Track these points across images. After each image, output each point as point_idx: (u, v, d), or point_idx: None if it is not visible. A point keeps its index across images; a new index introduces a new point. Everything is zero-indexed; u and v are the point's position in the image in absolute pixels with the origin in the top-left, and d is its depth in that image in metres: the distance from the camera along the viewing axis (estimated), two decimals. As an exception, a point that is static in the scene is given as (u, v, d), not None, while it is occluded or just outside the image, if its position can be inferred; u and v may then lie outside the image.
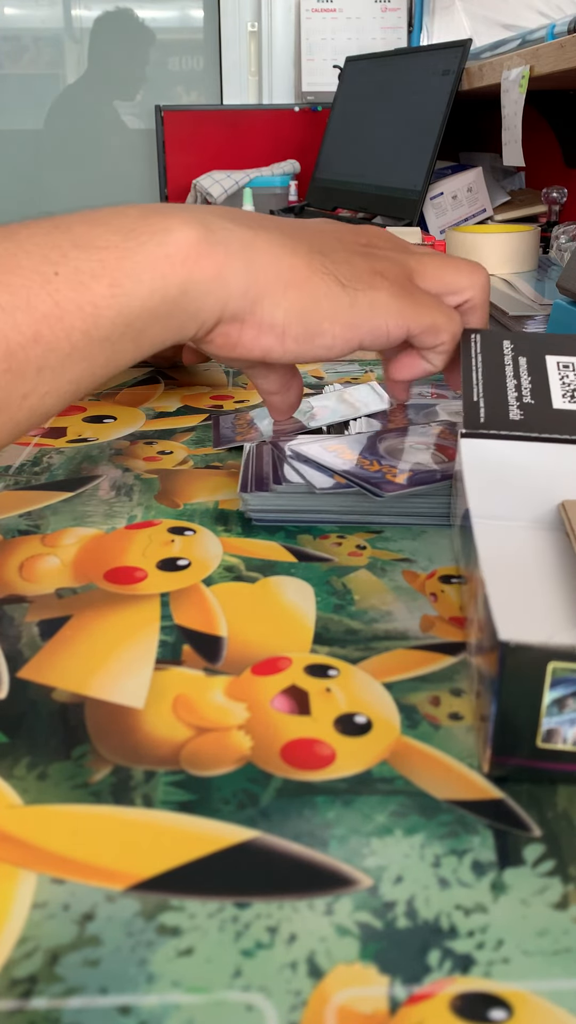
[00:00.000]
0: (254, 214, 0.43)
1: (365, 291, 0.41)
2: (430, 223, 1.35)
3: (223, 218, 0.40)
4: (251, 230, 0.40)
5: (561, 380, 0.43)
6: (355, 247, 0.43)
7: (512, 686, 0.26)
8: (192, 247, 0.38)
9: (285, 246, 0.41)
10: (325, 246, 0.42)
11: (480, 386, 0.43)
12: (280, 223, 0.43)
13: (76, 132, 2.68)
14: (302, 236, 0.42)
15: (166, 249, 0.37)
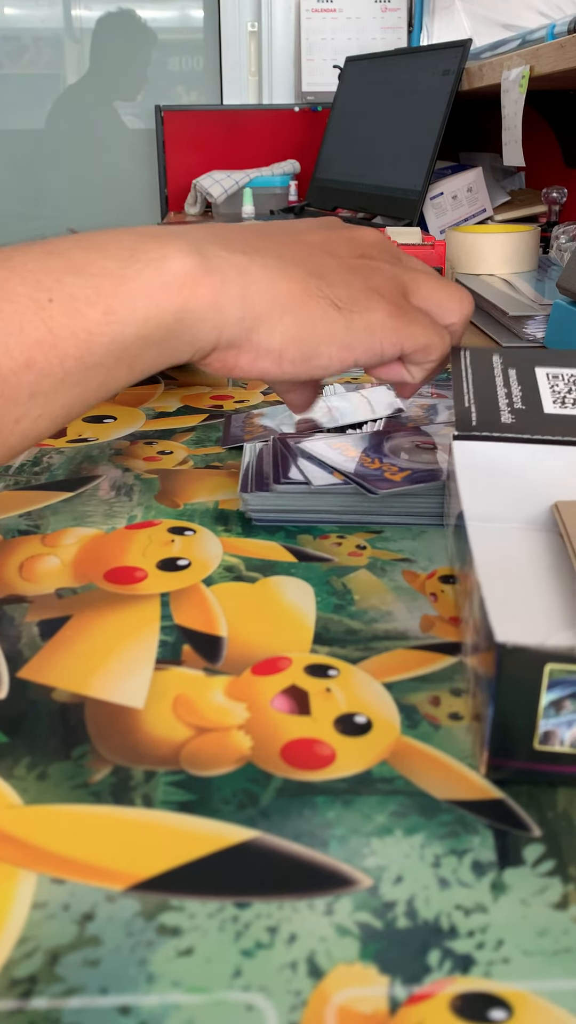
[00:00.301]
0: (250, 233, 0.43)
1: (361, 313, 0.41)
2: (430, 223, 1.35)
3: (219, 243, 0.40)
4: (246, 255, 0.40)
5: (551, 388, 0.43)
6: (350, 262, 0.43)
7: (509, 688, 0.26)
8: (188, 275, 0.38)
9: (282, 271, 0.41)
10: (321, 266, 0.42)
11: (471, 394, 0.43)
12: (275, 242, 0.43)
13: (76, 132, 2.68)
14: (298, 259, 0.42)
15: (162, 277, 0.37)
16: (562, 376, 0.44)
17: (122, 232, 0.39)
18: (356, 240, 0.45)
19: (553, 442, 0.40)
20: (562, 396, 0.43)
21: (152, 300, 0.37)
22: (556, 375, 0.44)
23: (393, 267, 0.44)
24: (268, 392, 0.67)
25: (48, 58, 2.68)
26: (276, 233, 0.44)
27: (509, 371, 0.44)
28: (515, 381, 0.44)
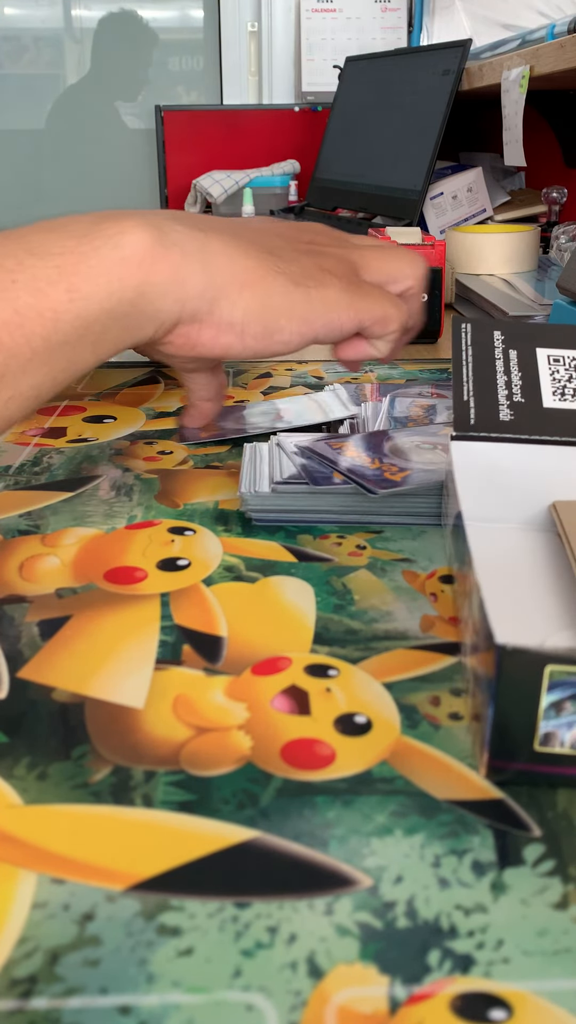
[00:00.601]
0: (201, 216, 0.44)
1: (317, 288, 0.42)
2: (430, 223, 1.35)
3: (175, 221, 0.41)
4: (203, 232, 0.41)
5: (552, 376, 0.43)
6: (300, 245, 0.45)
7: (509, 690, 0.26)
8: (148, 249, 0.38)
9: (238, 247, 0.41)
10: (274, 246, 0.43)
11: (471, 383, 0.43)
12: (226, 225, 0.44)
13: (76, 132, 2.68)
14: (251, 237, 0.43)
15: (122, 252, 0.38)
16: (563, 360, 0.44)
17: (81, 215, 0.39)
18: (304, 228, 0.47)
19: (552, 442, 0.40)
20: (562, 386, 0.42)
21: (114, 275, 0.38)
22: (557, 358, 0.44)
23: (341, 249, 0.46)
24: (268, 392, 0.67)
25: (48, 58, 2.68)
26: (228, 221, 0.45)
27: (510, 352, 0.44)
28: (515, 367, 0.43)
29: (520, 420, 0.41)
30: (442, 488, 0.44)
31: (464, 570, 0.34)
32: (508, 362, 0.44)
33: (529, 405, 0.42)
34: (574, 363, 0.44)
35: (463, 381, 0.43)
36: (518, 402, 0.42)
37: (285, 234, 0.46)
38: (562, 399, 0.42)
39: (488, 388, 0.43)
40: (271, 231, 0.46)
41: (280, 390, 0.67)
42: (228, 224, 0.45)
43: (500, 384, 0.43)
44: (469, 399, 0.42)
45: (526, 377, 0.43)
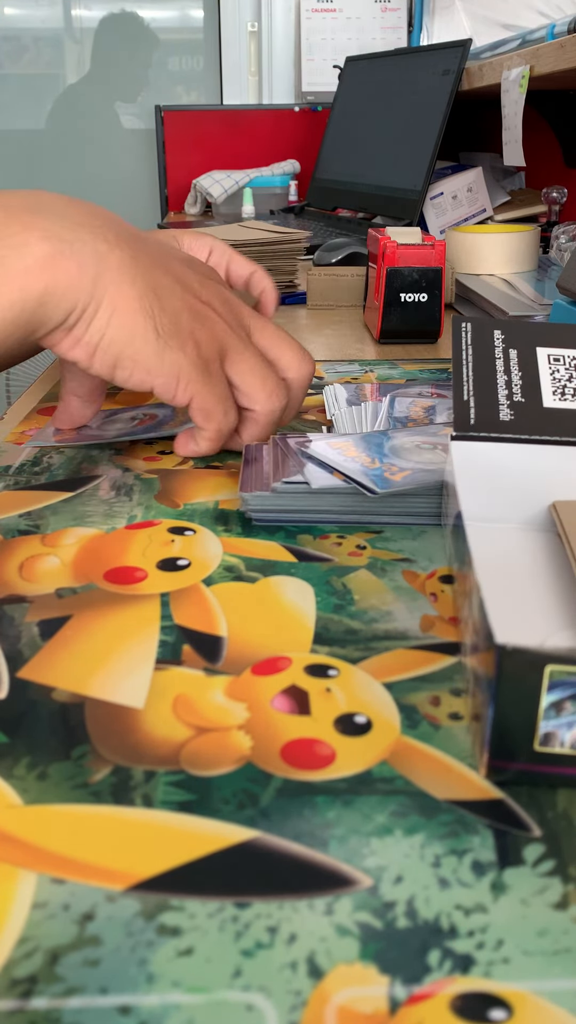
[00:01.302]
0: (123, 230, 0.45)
1: (174, 350, 0.45)
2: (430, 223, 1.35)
3: (87, 227, 0.43)
4: (107, 244, 0.43)
5: (552, 375, 0.43)
6: (191, 302, 0.46)
7: (509, 690, 0.26)
8: (48, 258, 0.41)
9: (131, 273, 0.44)
10: (163, 288, 0.45)
11: (471, 383, 0.43)
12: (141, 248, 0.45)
13: (76, 132, 2.68)
14: (148, 270, 0.45)
15: (25, 262, 0.40)
16: (563, 359, 0.44)
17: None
18: (208, 289, 0.48)
19: (552, 442, 0.40)
20: (562, 385, 0.42)
21: (15, 284, 0.40)
22: (557, 357, 0.44)
23: (227, 330, 0.47)
24: (268, 392, 0.67)
25: (48, 58, 2.68)
26: (150, 243, 0.46)
27: (510, 352, 0.44)
28: (515, 366, 0.43)
29: (520, 420, 0.41)
30: (442, 488, 0.44)
31: (464, 570, 0.34)
32: (508, 362, 0.44)
33: (529, 405, 0.42)
34: (574, 363, 0.44)
35: (463, 381, 0.43)
36: (518, 402, 0.42)
37: (190, 284, 0.47)
38: (562, 399, 0.42)
39: (488, 388, 0.43)
40: (178, 275, 0.47)
41: (280, 390, 0.67)
42: (145, 249, 0.46)
43: (500, 384, 0.43)
44: (469, 399, 0.42)
45: (526, 377, 0.43)
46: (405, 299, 0.80)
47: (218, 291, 0.49)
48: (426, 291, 0.80)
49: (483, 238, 1.08)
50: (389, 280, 0.79)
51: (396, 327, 0.81)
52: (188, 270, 0.48)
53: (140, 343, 0.44)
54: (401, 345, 0.82)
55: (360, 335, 0.86)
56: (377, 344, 0.82)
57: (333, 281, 0.99)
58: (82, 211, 0.45)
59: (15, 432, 0.59)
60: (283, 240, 1.00)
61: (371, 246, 0.84)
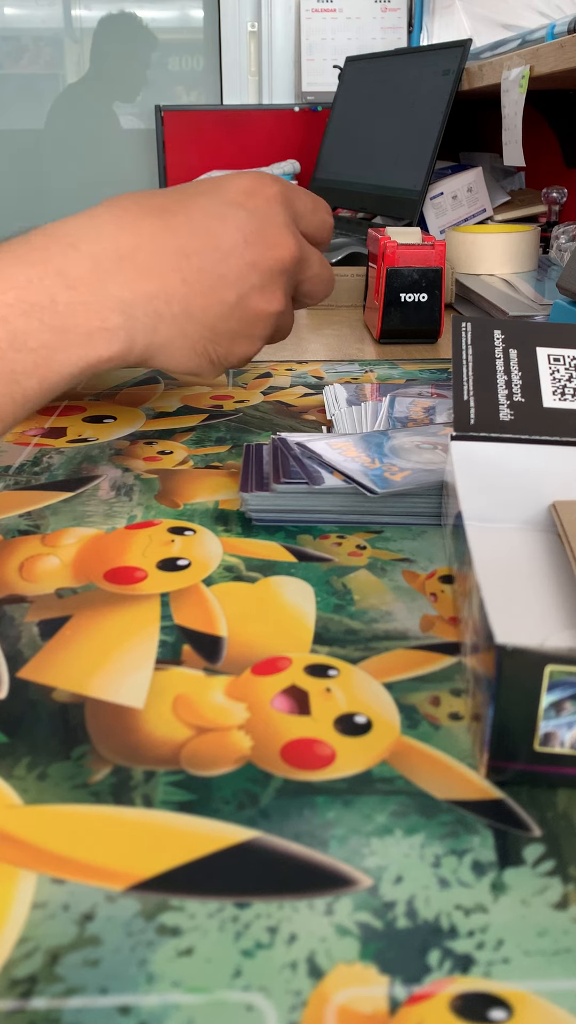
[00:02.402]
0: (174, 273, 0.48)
1: (228, 364, 0.52)
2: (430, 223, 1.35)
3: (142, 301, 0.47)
4: (157, 314, 0.47)
5: (552, 375, 0.43)
6: (252, 314, 0.51)
7: (509, 690, 0.26)
8: (108, 344, 0.45)
9: (183, 329, 0.48)
10: (219, 320, 0.50)
11: (471, 383, 0.43)
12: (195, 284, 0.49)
13: (76, 132, 2.68)
14: (203, 315, 0.49)
15: (88, 349, 0.45)
16: (563, 359, 0.44)
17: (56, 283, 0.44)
18: (271, 276, 0.51)
19: (552, 442, 0.40)
20: (562, 385, 0.42)
21: (77, 366, 0.45)
22: (557, 357, 0.44)
23: (283, 310, 0.52)
24: (268, 392, 0.67)
25: (48, 58, 2.68)
26: (198, 267, 0.49)
27: (510, 352, 0.44)
28: (515, 366, 0.43)
29: (520, 420, 0.41)
30: (442, 488, 0.44)
31: (464, 570, 0.34)
32: (508, 362, 0.44)
33: (529, 405, 0.42)
34: (574, 363, 0.44)
35: (463, 381, 0.43)
36: (518, 402, 0.42)
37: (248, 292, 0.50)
38: (562, 399, 0.42)
39: (488, 388, 0.43)
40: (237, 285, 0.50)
41: (280, 390, 0.67)
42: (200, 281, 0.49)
43: (500, 384, 0.43)
44: (469, 399, 0.42)
45: (526, 377, 0.43)
46: (405, 299, 0.80)
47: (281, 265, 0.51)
48: (426, 291, 0.80)
49: (483, 238, 1.08)
50: (389, 280, 0.79)
51: (396, 327, 0.81)
52: (250, 260, 0.50)
53: (196, 369, 0.51)
54: (401, 345, 0.82)
55: (360, 335, 0.86)
56: (377, 344, 0.82)
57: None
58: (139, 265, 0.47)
59: (15, 432, 0.59)
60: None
61: (371, 246, 0.84)
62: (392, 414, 0.56)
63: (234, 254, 0.49)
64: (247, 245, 0.50)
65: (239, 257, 0.49)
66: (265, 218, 0.51)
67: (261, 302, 0.51)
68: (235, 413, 0.62)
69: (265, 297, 0.51)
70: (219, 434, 0.58)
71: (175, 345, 0.49)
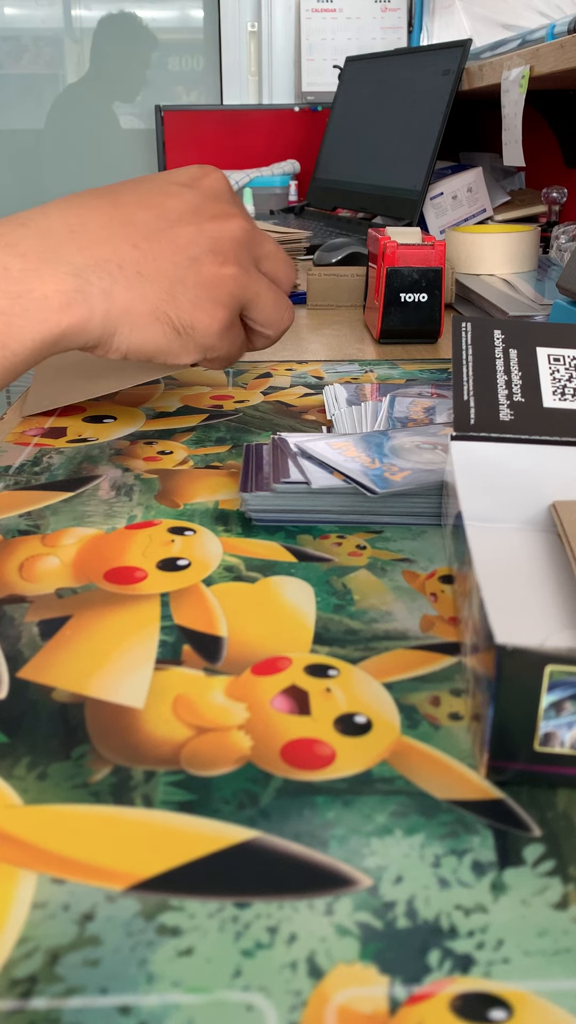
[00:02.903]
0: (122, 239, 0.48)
1: (197, 336, 0.50)
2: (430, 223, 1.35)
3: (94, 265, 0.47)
4: (111, 277, 0.47)
5: (552, 375, 0.43)
6: (205, 274, 0.50)
7: (509, 690, 0.26)
8: (66, 307, 0.45)
9: (140, 291, 0.48)
10: (177, 282, 0.49)
11: (471, 383, 0.43)
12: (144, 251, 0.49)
13: (76, 132, 2.68)
14: (157, 275, 0.48)
15: (46, 312, 0.45)
16: (563, 359, 0.44)
17: (7, 254, 0.45)
18: (221, 242, 0.51)
19: (552, 442, 0.40)
20: (562, 385, 0.42)
21: (38, 333, 0.45)
22: (557, 357, 0.44)
23: (244, 278, 0.51)
24: (268, 392, 0.67)
25: (48, 58, 2.68)
26: (147, 233, 0.49)
27: (510, 352, 0.44)
28: (515, 366, 0.43)
29: (520, 420, 0.41)
30: (442, 488, 0.44)
31: (464, 570, 0.34)
32: (508, 362, 0.44)
33: (529, 405, 0.42)
34: (574, 363, 0.44)
35: (463, 381, 0.43)
36: (518, 402, 0.42)
37: (201, 256, 0.50)
38: (562, 399, 0.42)
39: (488, 388, 0.43)
40: (187, 251, 0.50)
41: (280, 390, 0.67)
42: (148, 249, 0.49)
43: (500, 384, 0.43)
44: (469, 399, 0.42)
45: (526, 377, 0.43)
46: (405, 299, 0.80)
47: (228, 236, 0.51)
48: (426, 291, 0.80)
49: (483, 238, 1.08)
50: (389, 280, 0.79)
51: (396, 327, 0.81)
52: (196, 228, 0.50)
53: (163, 343, 0.49)
54: (401, 345, 0.82)
55: (360, 335, 0.86)
56: (377, 344, 0.82)
57: (333, 281, 0.99)
58: (89, 234, 0.47)
59: (15, 432, 0.59)
60: (283, 240, 1.00)
61: (371, 246, 0.84)
62: (392, 414, 0.56)
63: (182, 222, 0.50)
64: (195, 215, 0.51)
65: (187, 224, 0.50)
66: (212, 195, 0.52)
67: (213, 265, 0.50)
68: (235, 413, 0.62)
69: (217, 260, 0.50)
70: (219, 434, 0.58)
71: (134, 312, 0.48)
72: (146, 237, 0.49)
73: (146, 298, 0.48)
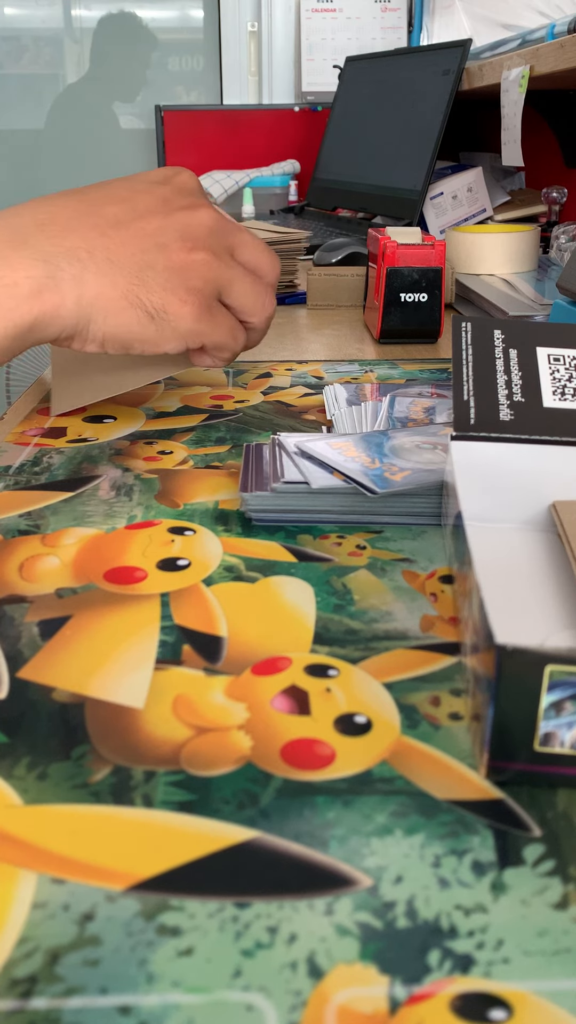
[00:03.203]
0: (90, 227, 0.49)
1: (171, 320, 0.50)
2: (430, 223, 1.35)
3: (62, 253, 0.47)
4: (81, 263, 0.47)
5: (552, 375, 0.43)
6: (176, 260, 0.50)
7: (509, 690, 0.26)
8: (35, 294, 0.46)
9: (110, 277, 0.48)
10: (146, 267, 0.49)
11: (471, 383, 0.43)
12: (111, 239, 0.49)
13: (76, 132, 2.68)
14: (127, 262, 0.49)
15: (15, 299, 0.45)
16: (563, 359, 0.44)
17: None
18: (190, 229, 0.51)
19: (552, 442, 0.40)
20: (562, 385, 0.42)
21: (9, 321, 0.45)
22: (557, 357, 0.44)
23: (216, 264, 0.51)
24: (268, 392, 0.67)
25: (48, 58, 2.68)
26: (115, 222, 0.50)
27: (510, 352, 0.44)
28: (515, 366, 0.43)
29: (520, 420, 0.41)
30: (442, 488, 0.44)
31: (464, 570, 0.34)
32: (508, 361, 0.44)
33: (529, 405, 0.42)
34: (574, 363, 0.44)
35: (463, 381, 0.43)
36: (518, 402, 0.42)
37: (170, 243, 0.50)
38: (562, 399, 0.42)
39: (488, 388, 0.43)
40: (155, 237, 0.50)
41: (280, 390, 0.67)
42: (115, 237, 0.49)
43: (500, 384, 0.43)
44: (469, 399, 0.42)
45: (526, 377, 0.43)
46: (405, 299, 0.80)
47: (198, 224, 0.51)
48: (426, 291, 0.80)
49: (483, 238, 1.08)
50: (389, 280, 0.79)
51: (396, 327, 0.81)
52: (163, 219, 0.51)
53: (139, 329, 0.49)
54: (401, 345, 0.82)
55: (360, 335, 0.86)
56: (377, 344, 0.82)
57: (333, 281, 0.99)
58: (58, 226, 0.48)
59: (15, 432, 0.59)
60: (283, 240, 1.00)
61: (371, 246, 0.84)
62: (392, 414, 0.56)
63: (151, 212, 0.51)
64: (164, 205, 0.51)
65: (156, 213, 0.51)
66: (182, 189, 0.53)
67: (182, 251, 0.50)
68: (235, 413, 0.62)
69: (186, 246, 0.50)
70: (219, 434, 0.58)
71: (106, 297, 0.48)
72: (114, 226, 0.49)
73: (116, 283, 0.48)
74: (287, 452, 0.48)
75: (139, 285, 0.49)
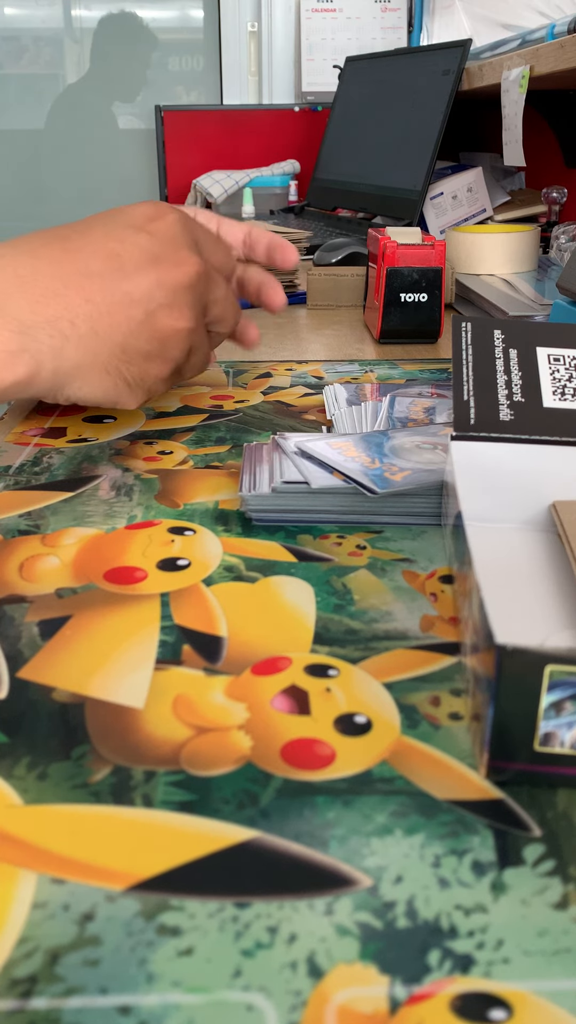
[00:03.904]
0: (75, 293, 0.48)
1: (148, 385, 0.52)
2: (430, 223, 1.35)
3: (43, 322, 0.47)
4: (62, 335, 0.47)
5: (552, 375, 0.43)
6: (162, 333, 0.50)
7: (509, 690, 0.26)
8: (8, 360, 0.46)
9: (92, 349, 0.48)
10: (128, 338, 0.49)
11: (471, 383, 0.43)
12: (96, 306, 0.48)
13: (76, 132, 2.68)
14: (110, 332, 0.48)
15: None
16: (563, 359, 0.44)
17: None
18: (176, 295, 0.51)
19: (552, 442, 0.40)
20: (562, 385, 0.42)
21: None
22: (557, 357, 0.44)
23: (196, 331, 0.53)
24: (268, 392, 0.67)
25: (48, 58, 2.68)
26: (101, 285, 0.49)
27: (510, 352, 0.44)
28: (515, 366, 0.43)
29: (520, 420, 0.41)
30: (442, 488, 0.44)
31: (464, 570, 0.34)
32: (508, 361, 0.44)
33: (529, 405, 0.42)
34: (574, 363, 0.44)
35: (463, 381, 0.43)
36: (518, 402, 0.42)
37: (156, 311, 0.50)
38: (562, 399, 0.42)
39: (488, 388, 0.43)
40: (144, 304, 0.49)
41: (280, 390, 0.67)
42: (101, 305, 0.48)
43: (500, 384, 0.43)
44: (469, 399, 0.42)
45: (526, 377, 0.43)
46: (405, 299, 0.80)
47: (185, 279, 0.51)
48: (426, 291, 0.80)
49: (483, 238, 1.08)
50: (389, 280, 0.79)
51: (396, 327, 0.81)
52: (153, 280, 0.50)
53: (114, 394, 0.51)
54: (401, 345, 0.82)
55: (360, 335, 0.86)
56: (377, 344, 0.82)
57: (333, 281, 0.99)
58: (40, 287, 0.47)
59: (15, 432, 0.59)
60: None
61: (371, 246, 0.84)
62: (392, 414, 0.56)
63: (138, 272, 0.49)
64: (151, 263, 0.50)
65: (143, 275, 0.49)
66: (167, 239, 0.51)
67: (169, 319, 0.50)
68: (235, 413, 0.62)
69: (173, 314, 0.50)
70: (219, 434, 0.58)
71: (86, 368, 0.48)
72: (100, 289, 0.48)
73: (98, 356, 0.49)
74: (287, 452, 0.48)
75: (120, 357, 0.49)
